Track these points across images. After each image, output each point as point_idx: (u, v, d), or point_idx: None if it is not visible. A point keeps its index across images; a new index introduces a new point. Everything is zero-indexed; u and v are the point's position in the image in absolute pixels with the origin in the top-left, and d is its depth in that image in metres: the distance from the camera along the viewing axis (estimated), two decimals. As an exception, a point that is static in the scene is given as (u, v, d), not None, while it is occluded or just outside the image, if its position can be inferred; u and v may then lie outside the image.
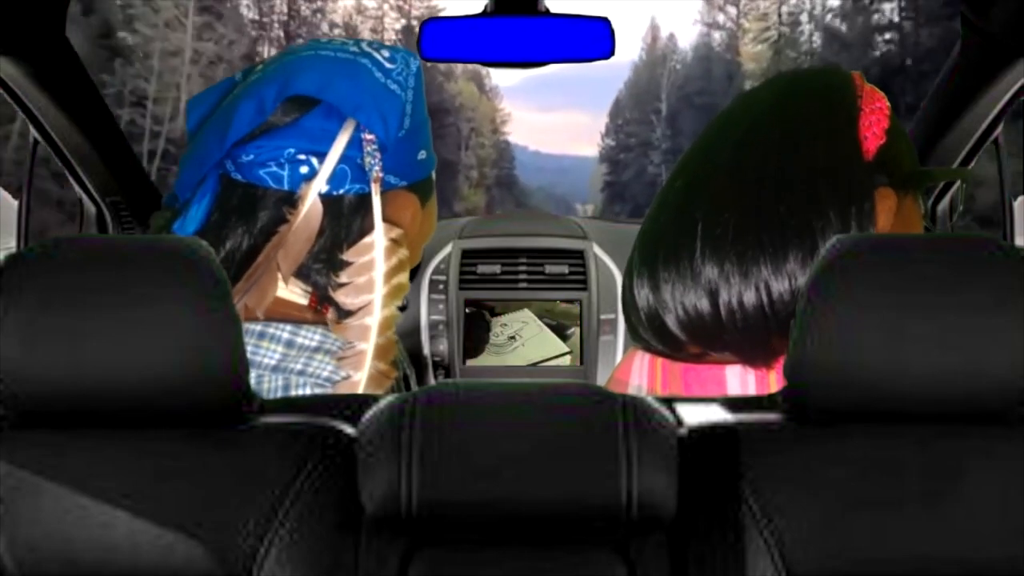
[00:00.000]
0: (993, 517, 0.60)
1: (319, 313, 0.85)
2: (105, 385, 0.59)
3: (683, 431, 0.64)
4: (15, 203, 1.41)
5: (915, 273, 0.59)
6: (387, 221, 0.84)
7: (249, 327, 0.82)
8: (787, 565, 0.60)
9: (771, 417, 0.65)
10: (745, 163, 0.75)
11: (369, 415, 0.60)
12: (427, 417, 0.58)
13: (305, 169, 0.82)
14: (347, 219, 0.84)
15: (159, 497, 0.60)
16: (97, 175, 1.44)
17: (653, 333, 0.77)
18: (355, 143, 0.83)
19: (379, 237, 0.83)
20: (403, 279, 0.85)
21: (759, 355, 0.74)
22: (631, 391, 0.81)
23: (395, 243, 0.84)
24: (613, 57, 1.11)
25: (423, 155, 0.89)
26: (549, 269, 1.68)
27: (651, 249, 0.77)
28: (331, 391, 0.82)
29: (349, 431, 0.64)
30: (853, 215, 0.72)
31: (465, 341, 1.65)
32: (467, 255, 1.69)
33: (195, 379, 0.60)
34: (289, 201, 0.83)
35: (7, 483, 0.60)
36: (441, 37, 1.10)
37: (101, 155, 1.42)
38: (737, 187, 0.74)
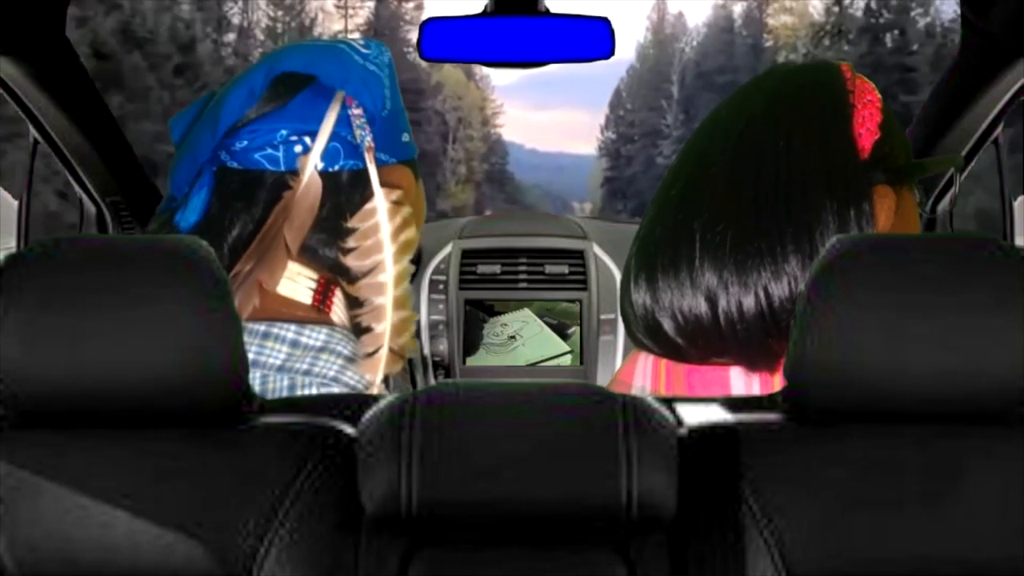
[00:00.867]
0: (993, 517, 0.60)
1: (323, 313, 0.86)
2: (105, 385, 0.59)
3: (683, 431, 0.64)
4: (15, 203, 1.41)
5: (915, 273, 0.59)
6: (385, 186, 0.87)
7: (253, 327, 0.82)
8: (787, 565, 0.60)
9: (771, 417, 0.65)
10: (741, 168, 0.75)
11: (369, 415, 0.60)
12: (427, 417, 0.58)
13: (299, 148, 0.85)
14: (347, 192, 0.86)
15: (159, 497, 0.60)
16: (97, 175, 1.44)
17: (651, 338, 0.77)
18: (344, 120, 0.86)
19: (380, 201, 0.86)
20: (410, 234, 0.88)
21: (759, 359, 0.74)
22: (635, 393, 0.81)
23: (397, 204, 0.87)
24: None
25: (406, 138, 0.92)
26: (549, 269, 1.68)
27: (649, 257, 0.77)
28: (337, 391, 0.82)
29: (349, 431, 0.64)
30: (852, 217, 0.72)
31: (465, 338, 1.65)
32: (467, 255, 1.69)
33: (195, 379, 0.60)
34: (287, 179, 0.85)
35: (7, 483, 0.60)
36: (441, 37, 1.10)
37: (101, 155, 1.42)
38: (734, 195, 0.74)
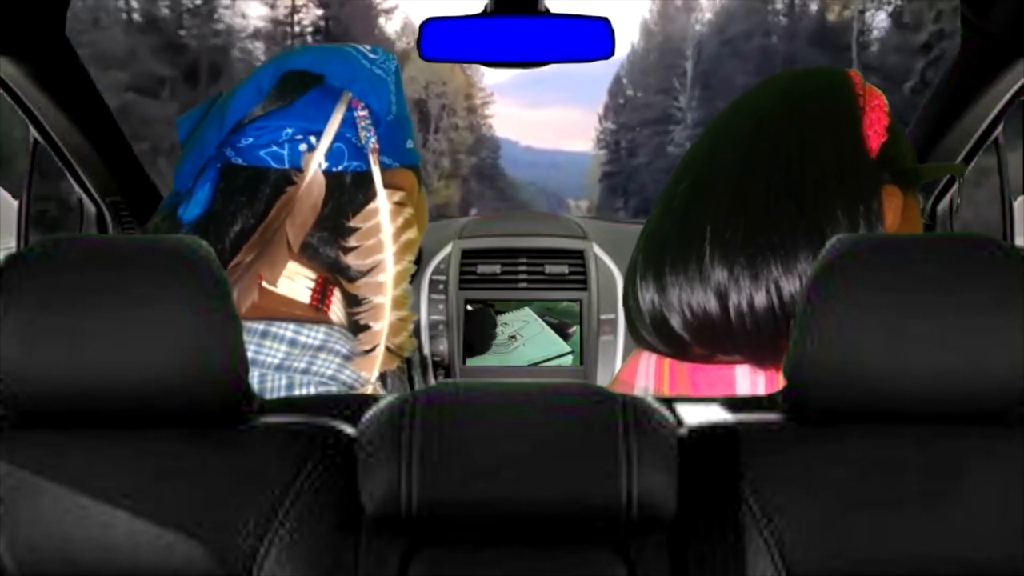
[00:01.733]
0: (993, 517, 0.60)
1: (321, 312, 0.86)
2: (105, 385, 0.59)
3: (683, 431, 0.64)
4: (15, 203, 1.41)
5: (915, 273, 0.59)
6: (388, 187, 0.87)
7: (252, 326, 0.82)
8: (787, 565, 0.60)
9: (771, 417, 0.65)
10: (752, 165, 0.75)
11: (369, 415, 0.60)
12: (427, 417, 0.58)
13: (304, 147, 0.85)
14: (350, 192, 0.86)
15: (159, 497, 0.60)
16: (97, 175, 1.44)
17: (657, 335, 0.77)
18: (349, 122, 0.86)
19: (383, 201, 0.86)
20: (412, 235, 0.89)
21: (768, 356, 0.74)
22: (637, 393, 0.81)
23: (399, 205, 0.88)
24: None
25: (410, 144, 0.92)
26: (549, 269, 1.68)
27: (657, 252, 0.77)
28: (335, 390, 0.82)
29: (349, 431, 0.64)
30: (861, 214, 0.73)
31: (467, 336, 1.65)
32: (467, 255, 1.69)
33: (195, 379, 0.60)
34: (291, 176, 0.85)
35: (7, 483, 0.60)
36: (441, 37, 1.10)
37: (101, 155, 1.42)
38: (745, 191, 0.74)
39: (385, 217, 0.86)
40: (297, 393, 0.81)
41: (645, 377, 0.81)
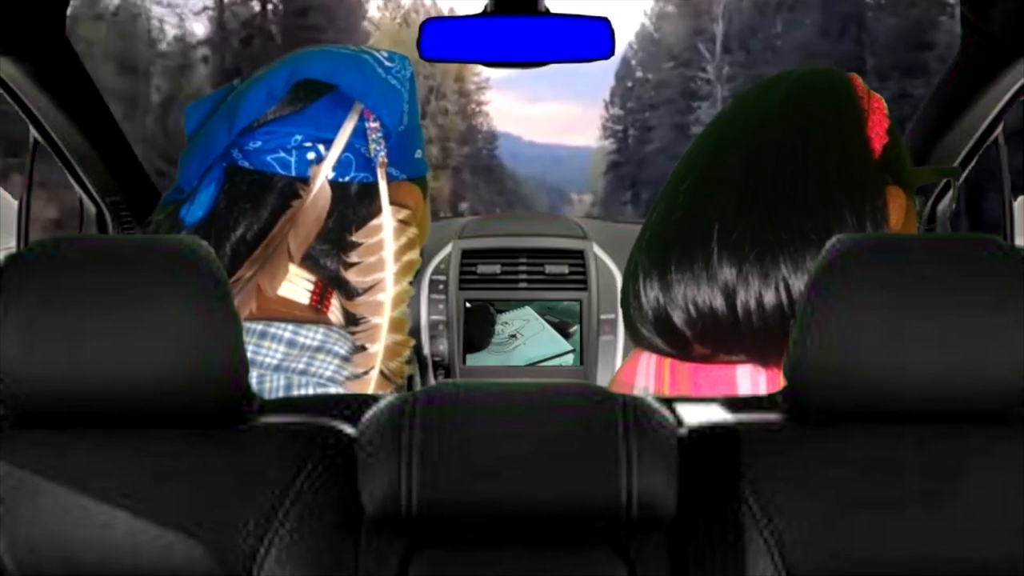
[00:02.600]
0: (993, 517, 0.60)
1: (320, 312, 0.86)
2: (105, 385, 0.59)
3: (683, 431, 0.64)
4: (15, 203, 1.41)
5: (915, 273, 0.59)
6: (394, 204, 0.86)
7: (250, 326, 0.82)
8: (787, 565, 0.60)
9: (771, 417, 0.65)
10: (759, 165, 0.76)
11: (369, 415, 0.60)
12: (427, 417, 0.58)
13: (312, 155, 0.85)
14: (354, 204, 0.86)
15: (159, 497, 0.60)
16: (97, 175, 1.44)
17: (659, 333, 0.77)
18: (360, 132, 0.86)
19: (387, 219, 0.86)
20: (413, 256, 0.88)
21: (772, 354, 0.75)
22: (637, 393, 0.81)
23: (403, 223, 0.87)
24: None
25: (419, 154, 0.91)
26: (549, 269, 1.68)
27: (661, 251, 0.77)
28: (333, 391, 0.82)
29: (349, 431, 0.64)
30: (868, 213, 0.73)
31: (467, 334, 1.65)
32: (467, 255, 1.69)
33: (195, 379, 0.60)
34: (296, 186, 0.84)
35: (7, 483, 0.60)
36: (441, 37, 1.10)
37: (101, 155, 1.42)
38: (753, 189, 0.75)
39: (388, 235, 0.85)
40: (295, 394, 0.81)
41: (645, 377, 0.81)
